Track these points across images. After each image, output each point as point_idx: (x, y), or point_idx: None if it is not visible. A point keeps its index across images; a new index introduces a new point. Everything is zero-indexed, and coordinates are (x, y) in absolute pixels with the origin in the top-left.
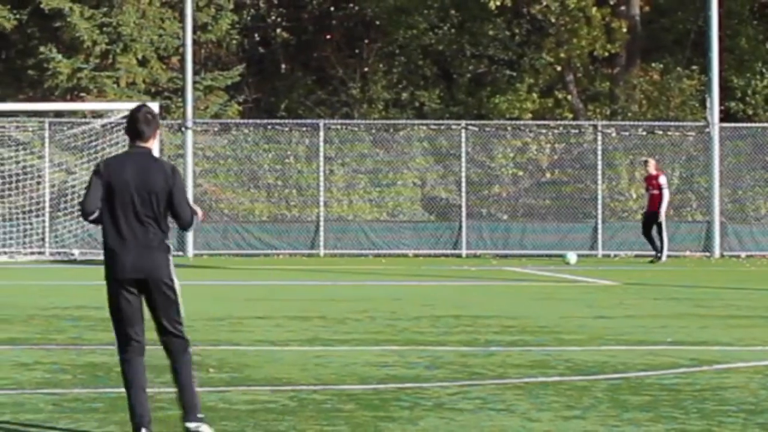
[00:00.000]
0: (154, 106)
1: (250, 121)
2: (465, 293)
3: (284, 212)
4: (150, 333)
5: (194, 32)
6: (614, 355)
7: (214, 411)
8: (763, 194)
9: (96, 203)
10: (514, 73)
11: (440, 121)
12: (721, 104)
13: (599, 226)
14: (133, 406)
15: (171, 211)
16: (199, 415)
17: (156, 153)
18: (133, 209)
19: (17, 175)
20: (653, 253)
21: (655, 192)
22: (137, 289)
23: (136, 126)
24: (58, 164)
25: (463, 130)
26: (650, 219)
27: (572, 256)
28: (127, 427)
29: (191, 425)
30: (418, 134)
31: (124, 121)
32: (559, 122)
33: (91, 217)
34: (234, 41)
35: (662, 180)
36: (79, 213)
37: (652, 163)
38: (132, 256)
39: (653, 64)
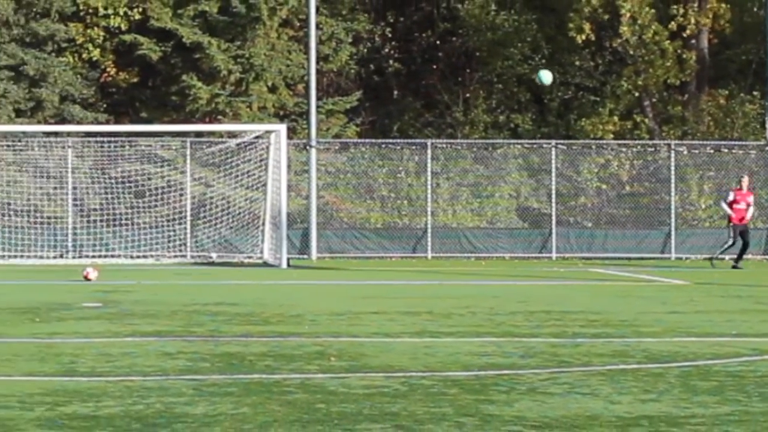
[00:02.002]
0: (282, 128)
1: (367, 140)
2: (555, 291)
3: (396, 220)
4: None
5: (317, 62)
6: (685, 346)
7: (335, 395)
8: None
9: None
10: (598, 99)
11: (533, 141)
12: None
13: (672, 233)
14: None
15: None
16: None
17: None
18: None
19: (162, 188)
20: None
21: (742, 207)
22: None
23: None
24: (198, 178)
25: (553, 149)
26: (746, 229)
27: (546, 76)
28: (260, 408)
29: None
30: (514, 152)
31: (257, 140)
32: (637, 141)
33: None
34: (352, 70)
35: (750, 198)
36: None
37: (746, 180)
38: None
39: (719, 91)
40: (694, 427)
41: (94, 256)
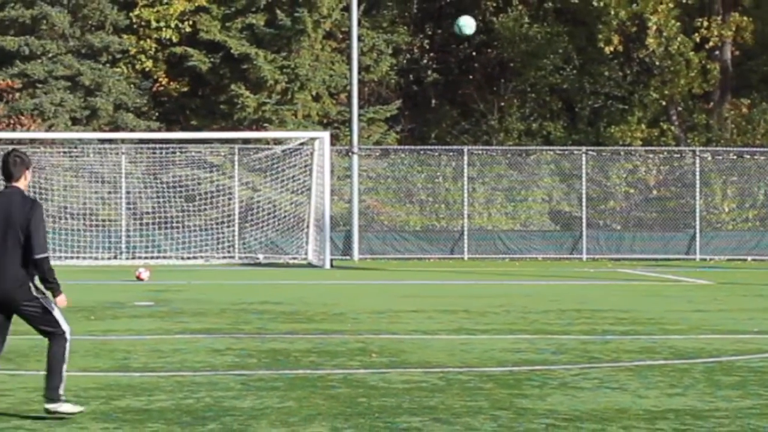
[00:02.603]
0: (326, 135)
1: (406, 147)
2: (585, 291)
3: (434, 223)
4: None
5: (359, 73)
6: (710, 343)
7: (376, 389)
8: None
9: None
10: (626, 107)
11: (564, 147)
12: None
13: (697, 235)
14: None
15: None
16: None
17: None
18: None
19: (211, 192)
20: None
21: None
22: None
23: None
24: (246, 183)
25: (583, 155)
26: None
27: (466, 26)
28: (305, 402)
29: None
30: (546, 158)
31: (301, 147)
32: (663, 148)
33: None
34: (392, 80)
35: None
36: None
37: None
38: None
39: (742, 99)
40: (718, 420)
41: (146, 258)
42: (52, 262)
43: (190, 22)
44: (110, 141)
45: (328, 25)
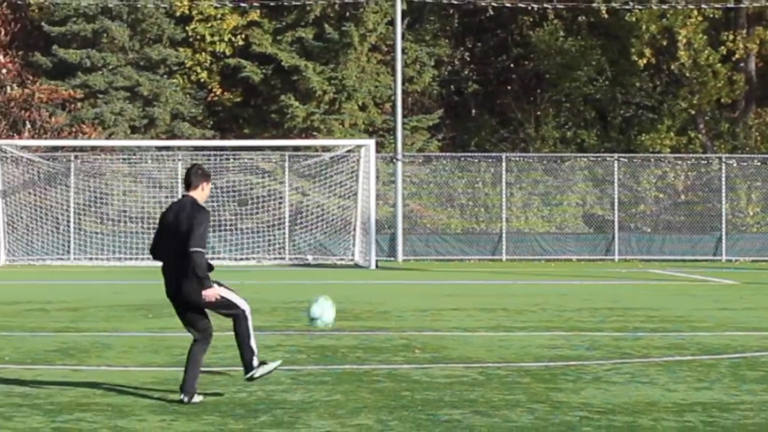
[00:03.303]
0: (371, 143)
1: (447, 154)
2: (617, 290)
3: (474, 226)
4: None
5: (403, 84)
6: (735, 339)
7: (419, 383)
8: None
9: None
10: (656, 116)
11: (597, 154)
12: None
13: (723, 237)
14: None
15: None
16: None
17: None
18: None
19: (263, 197)
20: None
21: None
22: None
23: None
24: (296, 188)
25: (615, 161)
26: None
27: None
28: (352, 395)
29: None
30: (580, 164)
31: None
32: (691, 155)
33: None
34: (434, 91)
35: None
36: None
37: None
38: None
39: (766, 109)
40: (743, 412)
41: None
42: (113, 263)
43: (243, 36)
44: (167, 148)
45: (373, 38)
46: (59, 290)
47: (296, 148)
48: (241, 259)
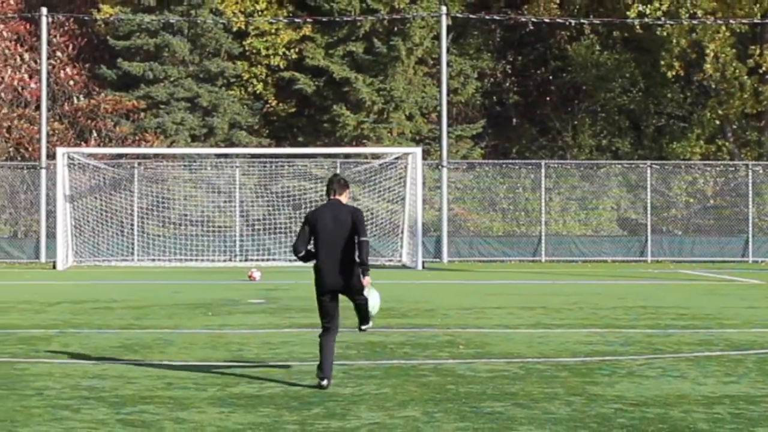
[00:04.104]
0: (418, 151)
1: (490, 161)
2: (649, 289)
3: (515, 229)
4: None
5: (448, 95)
6: (762, 336)
7: (463, 377)
8: None
9: None
10: (686, 126)
11: (631, 161)
12: None
13: (750, 240)
14: None
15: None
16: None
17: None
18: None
19: (316, 201)
20: None
21: None
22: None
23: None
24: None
25: (648, 168)
26: None
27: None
28: (399, 389)
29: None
30: (615, 171)
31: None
32: (719, 162)
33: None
34: (477, 102)
35: None
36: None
37: None
38: None
39: None
40: None
41: (257, 260)
42: (174, 264)
43: (297, 50)
44: (225, 156)
45: (420, 52)
46: (123, 290)
47: (347, 156)
48: (295, 260)
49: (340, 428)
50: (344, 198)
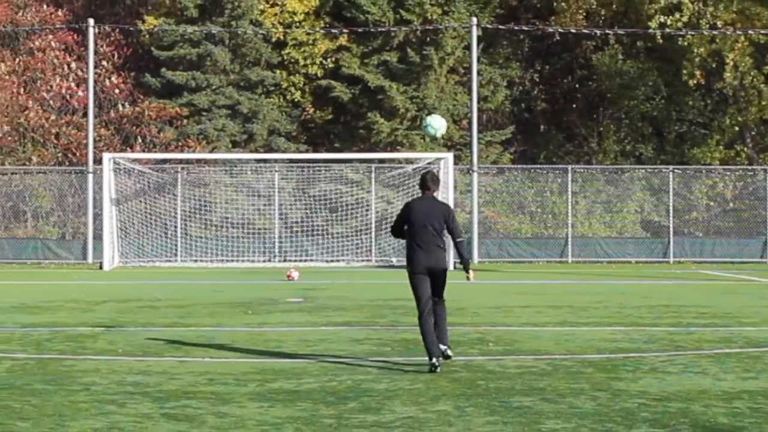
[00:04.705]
0: (450, 156)
1: (518, 166)
2: (672, 289)
3: (542, 231)
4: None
5: (478, 102)
6: None
7: (492, 373)
8: None
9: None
10: (707, 132)
11: (654, 166)
12: None
13: None
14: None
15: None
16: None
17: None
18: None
19: (351, 204)
20: None
21: None
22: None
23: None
24: (381, 197)
25: (670, 173)
26: None
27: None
28: (432, 384)
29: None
30: (638, 175)
31: (429, 166)
32: (738, 167)
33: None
34: (507, 109)
35: None
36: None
37: None
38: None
39: None
40: None
41: (295, 261)
42: (216, 264)
43: (333, 59)
44: (265, 161)
45: (451, 61)
46: (167, 289)
47: (381, 161)
48: (332, 261)
49: (375, 422)
50: (436, 192)
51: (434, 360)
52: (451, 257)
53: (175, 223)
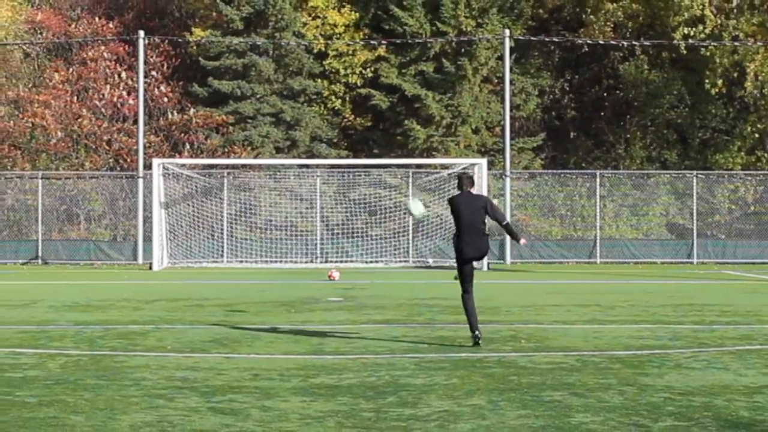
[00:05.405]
0: (483, 162)
1: (549, 171)
2: (696, 289)
3: (572, 233)
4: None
5: (511, 110)
6: None
7: (524, 369)
8: None
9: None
10: (729, 138)
11: (678, 171)
12: None
13: None
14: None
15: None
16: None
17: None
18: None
19: (390, 207)
20: None
21: None
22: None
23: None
24: (418, 200)
25: (694, 178)
26: None
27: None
28: (467, 379)
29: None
30: (663, 180)
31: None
32: (759, 172)
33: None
34: (538, 117)
35: None
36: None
37: None
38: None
39: None
40: None
41: (336, 261)
42: (260, 265)
43: (372, 69)
44: (307, 166)
45: (485, 71)
46: (214, 289)
47: (418, 166)
48: (371, 262)
49: (413, 415)
50: (473, 189)
51: (477, 332)
52: (486, 258)
53: (221, 226)
